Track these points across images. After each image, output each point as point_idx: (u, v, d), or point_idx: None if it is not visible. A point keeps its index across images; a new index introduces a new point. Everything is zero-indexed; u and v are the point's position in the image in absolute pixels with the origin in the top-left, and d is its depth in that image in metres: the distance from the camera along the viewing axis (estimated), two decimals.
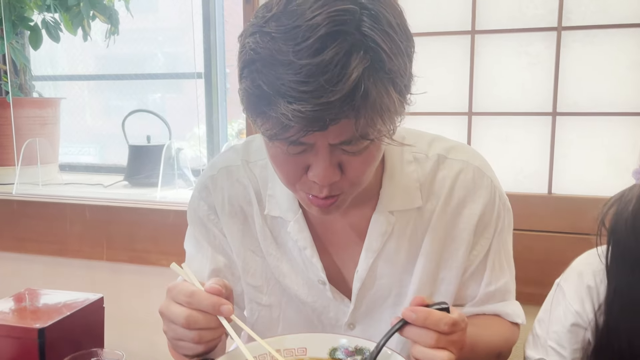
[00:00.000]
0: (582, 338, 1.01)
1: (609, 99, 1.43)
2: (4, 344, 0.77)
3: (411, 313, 0.75)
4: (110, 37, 2.28)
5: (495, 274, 1.00)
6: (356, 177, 0.79)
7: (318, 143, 0.73)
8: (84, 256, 1.89)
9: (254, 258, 1.00)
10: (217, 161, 1.03)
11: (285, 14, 0.68)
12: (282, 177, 0.83)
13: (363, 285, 0.96)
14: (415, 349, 0.76)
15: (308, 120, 0.67)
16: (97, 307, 0.87)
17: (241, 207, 0.99)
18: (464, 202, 0.95)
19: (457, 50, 1.52)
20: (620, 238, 0.96)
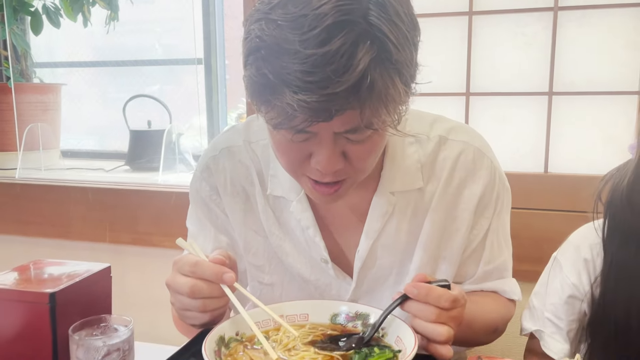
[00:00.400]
0: (578, 310, 1.03)
1: (604, 79, 1.45)
2: (15, 308, 0.79)
3: (413, 289, 0.77)
4: (110, 23, 2.28)
5: (494, 253, 1.01)
6: (359, 164, 0.80)
7: (322, 132, 0.73)
8: (87, 238, 1.91)
9: (255, 238, 1.01)
10: (219, 141, 1.03)
11: (292, 1, 0.67)
12: (285, 164, 0.83)
13: (364, 265, 0.97)
14: (415, 322, 0.78)
15: (313, 110, 0.66)
16: (105, 276, 0.89)
17: (243, 187, 1.00)
18: (465, 183, 0.96)
19: (455, 31, 1.54)
20: (616, 211, 0.97)
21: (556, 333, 1.04)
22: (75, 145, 2.58)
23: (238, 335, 0.80)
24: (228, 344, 0.78)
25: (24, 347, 0.80)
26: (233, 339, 0.79)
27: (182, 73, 2.50)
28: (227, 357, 0.75)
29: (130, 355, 0.84)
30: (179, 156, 2.21)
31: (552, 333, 1.04)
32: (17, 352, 0.80)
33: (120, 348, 0.81)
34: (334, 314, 0.86)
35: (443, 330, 0.76)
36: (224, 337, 0.78)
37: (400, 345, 0.76)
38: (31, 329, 0.79)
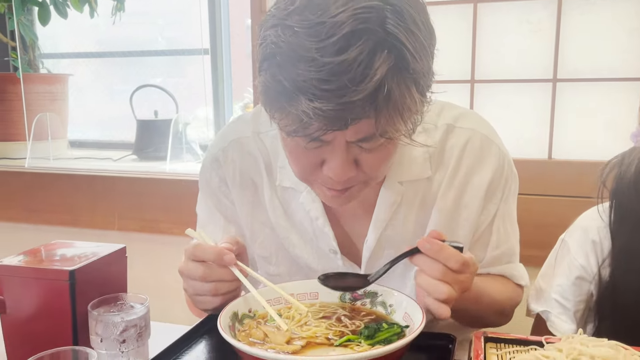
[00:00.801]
0: (586, 291, 1.04)
1: (608, 65, 1.46)
2: (36, 286, 0.82)
3: (426, 243, 0.76)
4: (116, 14, 2.30)
5: (501, 238, 1.02)
6: (371, 172, 0.80)
7: (335, 140, 0.73)
8: (96, 226, 1.94)
9: (262, 229, 1.02)
10: (227, 132, 1.04)
11: (309, 8, 0.66)
12: (297, 171, 0.84)
13: (372, 255, 0.97)
14: (420, 277, 0.78)
15: (329, 119, 0.66)
16: (121, 256, 0.91)
17: (252, 178, 1.01)
18: (473, 171, 0.96)
19: (460, 19, 1.55)
20: (623, 199, 0.99)
21: (563, 314, 1.05)
22: (82, 136, 2.61)
23: (250, 312, 0.83)
24: (241, 320, 0.80)
25: (45, 323, 0.83)
26: (246, 316, 0.82)
27: (186, 64, 2.51)
28: (242, 332, 0.78)
29: (147, 332, 0.86)
30: (186, 145, 2.23)
31: (559, 314, 1.05)
32: (38, 328, 0.83)
33: (137, 324, 0.83)
34: (343, 292, 0.89)
35: (445, 289, 0.75)
36: (237, 313, 0.80)
37: (409, 321, 0.79)
38: (52, 305, 0.82)
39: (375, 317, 0.83)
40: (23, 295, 0.83)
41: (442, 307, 0.76)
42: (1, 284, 0.84)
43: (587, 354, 0.67)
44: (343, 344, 0.75)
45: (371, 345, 0.74)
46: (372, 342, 0.75)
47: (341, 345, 0.75)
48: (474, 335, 0.80)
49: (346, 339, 0.76)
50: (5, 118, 2.27)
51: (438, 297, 0.76)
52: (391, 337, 0.75)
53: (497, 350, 0.77)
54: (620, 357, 0.66)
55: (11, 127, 2.27)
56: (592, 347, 0.68)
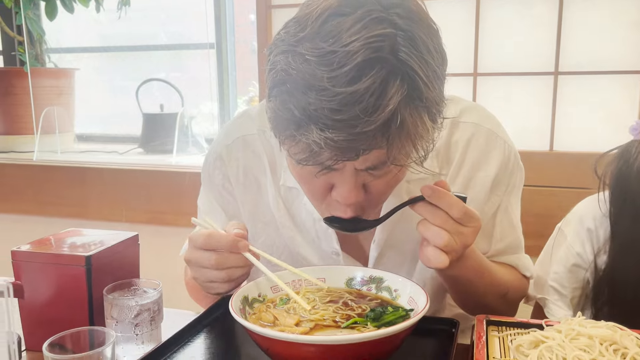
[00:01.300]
0: (581, 278, 1.07)
1: (609, 58, 1.48)
2: (53, 271, 0.84)
3: (428, 190, 0.76)
4: (122, 8, 2.32)
5: (505, 230, 1.02)
6: (379, 196, 0.81)
7: (345, 167, 0.73)
8: (104, 218, 1.97)
9: (265, 229, 1.02)
10: (232, 129, 1.02)
11: (320, 36, 0.65)
12: (308, 195, 0.85)
13: (380, 255, 0.98)
14: (421, 224, 0.78)
15: (340, 149, 0.66)
16: (133, 243, 0.94)
17: (255, 177, 1.00)
18: (478, 165, 0.96)
19: (463, 13, 1.57)
20: (624, 192, 1.00)
21: (559, 300, 1.08)
22: (88, 130, 2.63)
23: (260, 296, 0.85)
24: (252, 304, 0.83)
25: (62, 307, 0.85)
26: (255, 300, 0.84)
27: (190, 59, 2.53)
28: (252, 316, 0.80)
29: (160, 316, 0.89)
30: (192, 138, 2.25)
31: (556, 300, 1.08)
32: (55, 313, 0.86)
33: (150, 308, 0.86)
34: (349, 278, 0.91)
35: (444, 235, 0.75)
36: (248, 297, 0.83)
37: (413, 304, 0.81)
38: (68, 290, 0.85)
39: (381, 301, 0.86)
40: (40, 280, 0.86)
41: (441, 255, 0.76)
42: (19, 270, 0.87)
43: (585, 334, 0.70)
44: (350, 326, 0.78)
45: (377, 327, 0.76)
46: (377, 324, 0.77)
47: (348, 327, 0.77)
48: (477, 318, 0.83)
49: (353, 322, 0.78)
50: (12, 112, 2.30)
51: (437, 243, 0.76)
52: (396, 320, 0.78)
53: (498, 333, 0.80)
54: (617, 337, 0.68)
55: (19, 121, 2.29)
56: (590, 328, 0.70)
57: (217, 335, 0.88)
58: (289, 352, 0.69)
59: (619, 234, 1.02)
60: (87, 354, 0.66)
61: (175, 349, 0.81)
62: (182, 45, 2.51)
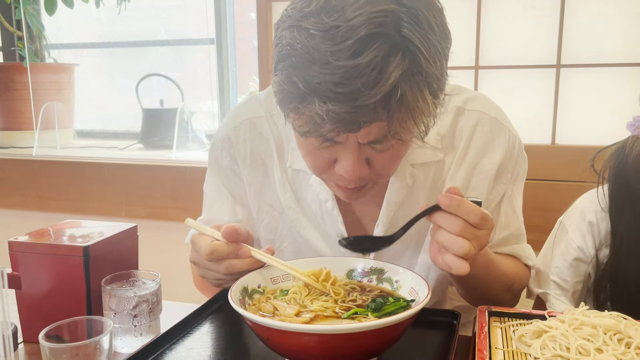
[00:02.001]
0: (583, 272, 1.06)
1: (611, 51, 1.47)
2: (50, 262, 0.83)
3: (445, 199, 0.76)
4: (121, 4, 2.31)
5: (509, 219, 1.02)
6: (382, 170, 0.81)
7: (348, 140, 0.75)
8: (104, 213, 1.96)
9: (270, 212, 1.02)
10: (240, 112, 1.03)
11: (325, 10, 0.67)
12: (311, 168, 0.85)
13: None
14: (439, 233, 0.77)
15: (342, 121, 0.68)
16: (132, 234, 0.93)
17: (262, 159, 1.01)
18: (483, 153, 0.97)
19: (465, 5, 1.56)
20: (623, 189, 1.00)
21: (561, 295, 1.07)
22: (87, 126, 2.63)
23: (260, 287, 0.85)
24: (251, 295, 0.82)
25: (59, 298, 0.85)
26: (255, 291, 0.83)
27: (190, 55, 2.53)
28: (252, 307, 0.80)
29: (158, 308, 0.88)
30: (192, 134, 2.25)
31: (558, 295, 1.08)
32: (53, 304, 0.85)
33: (149, 300, 0.85)
34: (350, 269, 0.90)
35: (465, 244, 0.75)
36: (247, 288, 0.82)
37: (414, 295, 0.80)
38: (66, 281, 0.84)
39: (382, 292, 0.85)
40: (38, 271, 0.85)
41: (461, 262, 0.76)
42: (16, 261, 0.86)
43: (589, 323, 0.69)
44: (350, 316, 0.77)
45: (378, 318, 0.75)
46: (378, 314, 0.77)
47: (349, 317, 0.76)
48: (478, 309, 0.82)
49: (353, 312, 0.77)
50: (12, 107, 2.30)
51: (457, 252, 0.75)
52: (397, 310, 0.77)
53: (500, 324, 0.79)
54: (621, 326, 0.68)
55: (18, 117, 2.29)
56: (594, 318, 0.70)
57: (216, 327, 0.87)
58: (289, 341, 0.68)
59: (619, 229, 1.02)
60: (84, 343, 0.65)
61: (174, 340, 0.81)
62: (182, 41, 2.50)
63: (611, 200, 1.03)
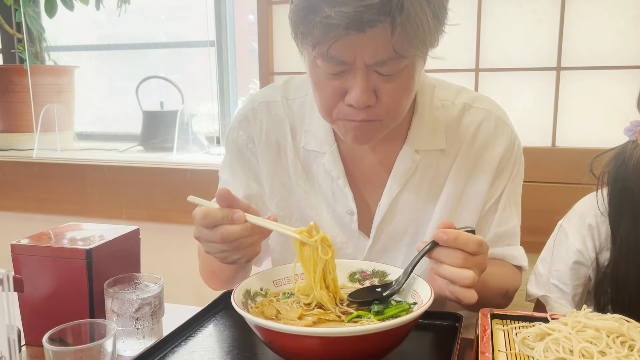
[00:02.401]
0: (583, 275, 1.07)
1: (611, 53, 1.48)
2: (53, 265, 0.83)
3: (442, 234, 0.79)
4: (122, 6, 2.31)
5: (505, 217, 1.06)
6: (390, 103, 0.85)
7: (356, 63, 0.80)
8: (104, 215, 1.96)
9: (281, 190, 1.07)
10: (257, 96, 1.10)
11: None
12: (322, 103, 0.89)
13: (383, 220, 1.02)
14: (442, 268, 0.80)
15: (349, 19, 0.74)
16: (134, 237, 0.93)
17: (276, 139, 1.06)
18: (486, 147, 1.02)
19: (465, 8, 1.56)
20: (623, 194, 1.01)
21: (562, 298, 1.08)
22: (87, 128, 2.63)
23: (262, 290, 0.85)
24: (254, 297, 0.82)
25: (62, 301, 0.85)
26: (258, 293, 0.84)
27: (190, 57, 2.53)
28: (254, 310, 0.80)
29: (160, 310, 0.89)
30: (192, 136, 2.25)
31: (558, 298, 1.08)
32: (55, 307, 0.85)
33: (151, 302, 0.85)
34: (352, 272, 0.91)
35: (469, 274, 0.78)
36: (250, 290, 0.82)
37: (417, 298, 0.81)
38: (69, 284, 0.84)
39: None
40: (40, 274, 0.85)
41: (469, 291, 0.79)
42: (19, 264, 0.86)
43: (592, 326, 0.69)
44: (353, 319, 0.77)
45: (380, 321, 0.75)
46: (381, 317, 0.77)
47: (351, 321, 0.77)
48: (481, 312, 0.82)
49: (356, 315, 0.78)
50: (12, 110, 2.29)
51: (464, 283, 0.78)
52: (399, 313, 0.77)
53: (503, 326, 0.79)
54: (624, 329, 0.68)
55: (19, 119, 2.28)
56: (597, 321, 0.70)
57: (219, 329, 0.87)
58: (292, 344, 0.68)
59: (618, 233, 1.02)
60: (88, 347, 0.65)
61: (177, 343, 0.81)
62: (182, 43, 2.50)
63: (610, 204, 1.04)
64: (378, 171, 1.03)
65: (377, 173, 1.03)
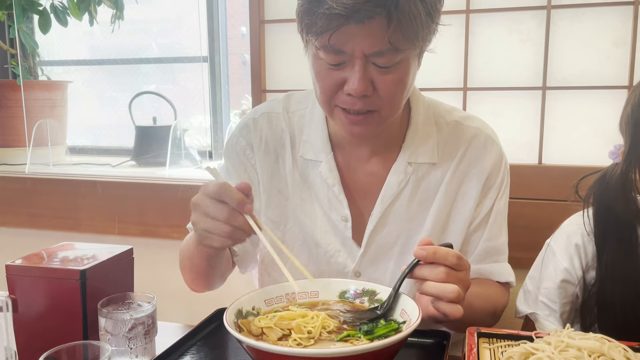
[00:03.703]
0: (571, 293, 1.10)
1: (595, 74, 1.51)
2: (47, 285, 0.84)
3: (421, 251, 0.83)
4: (115, 22, 2.33)
5: (494, 232, 1.11)
6: (386, 95, 0.91)
7: (355, 53, 0.86)
8: (96, 231, 1.96)
9: (278, 197, 1.11)
10: (260, 107, 1.16)
11: None
12: (321, 92, 0.94)
13: (375, 229, 1.06)
14: (426, 285, 0.83)
15: (349, 9, 0.81)
16: (127, 257, 0.95)
17: (275, 148, 1.11)
18: (475, 163, 1.07)
19: (453, 29, 1.59)
20: (607, 217, 1.05)
21: (550, 315, 1.10)
22: (79, 142, 2.63)
23: (254, 309, 0.86)
24: (246, 317, 0.84)
25: (56, 321, 0.86)
26: (249, 313, 0.85)
27: (183, 71, 2.55)
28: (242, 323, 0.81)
29: (154, 330, 0.90)
30: (184, 151, 2.26)
31: (547, 316, 1.10)
32: (49, 326, 0.86)
33: (144, 322, 0.87)
34: (342, 291, 0.92)
35: (453, 288, 0.81)
36: (242, 310, 0.84)
37: (405, 317, 0.82)
38: (63, 304, 0.85)
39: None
40: (34, 294, 0.86)
41: (454, 306, 0.81)
42: (13, 284, 0.87)
43: (574, 345, 0.71)
44: (343, 339, 0.79)
45: (370, 340, 0.77)
46: (371, 337, 0.79)
47: (341, 340, 0.78)
48: (468, 330, 0.84)
49: (346, 335, 0.79)
50: (5, 125, 2.30)
51: (450, 297, 0.81)
52: (389, 333, 0.79)
53: (489, 345, 0.81)
54: (605, 348, 0.70)
55: (12, 134, 2.29)
56: (579, 340, 0.72)
57: (211, 348, 0.88)
58: None
59: (604, 254, 1.05)
60: None
61: None
62: (175, 59, 2.52)
63: (595, 226, 1.07)
64: (372, 181, 1.07)
65: (371, 183, 1.07)
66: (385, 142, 1.06)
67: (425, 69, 1.57)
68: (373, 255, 1.07)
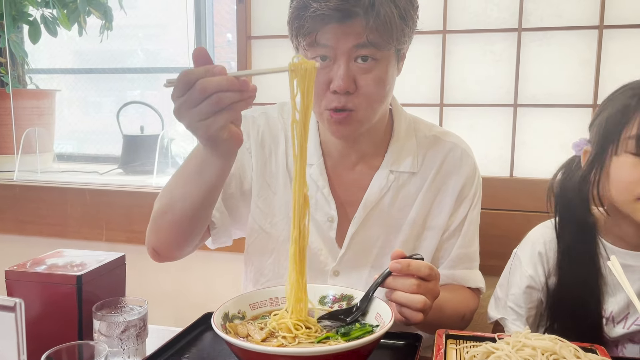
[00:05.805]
0: (536, 298, 1.17)
1: (562, 92, 1.60)
2: (45, 290, 0.89)
3: (396, 264, 0.90)
4: (103, 32, 2.37)
5: (467, 240, 1.19)
6: (367, 93, 1.01)
7: (338, 48, 0.97)
8: (84, 237, 1.99)
9: (267, 190, 1.18)
10: (257, 108, 1.23)
11: None
12: (313, 95, 1.00)
13: (356, 231, 1.14)
14: (396, 294, 0.91)
15: (332, 10, 0.93)
16: (120, 263, 1.00)
17: (270, 144, 1.19)
18: (451, 175, 1.17)
19: (430, 48, 1.68)
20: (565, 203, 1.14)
21: (517, 320, 1.18)
22: (66, 149, 2.65)
23: (239, 313, 0.92)
24: (232, 320, 0.90)
25: (53, 324, 0.91)
26: (235, 316, 0.91)
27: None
28: (229, 326, 0.87)
29: (145, 332, 0.95)
30: (171, 160, 2.31)
31: (514, 320, 1.18)
32: (47, 329, 0.91)
33: (136, 324, 0.92)
34: (322, 295, 0.99)
35: (422, 299, 0.89)
36: (228, 314, 0.90)
37: (380, 320, 0.89)
38: (59, 307, 0.90)
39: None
40: (33, 298, 0.91)
41: (417, 313, 0.90)
42: (12, 289, 0.92)
43: (530, 345, 0.78)
44: (322, 341, 0.85)
45: (346, 342, 0.84)
46: (347, 339, 0.85)
47: (320, 342, 0.85)
48: (437, 332, 0.91)
49: (325, 337, 0.86)
50: None
51: (417, 307, 0.89)
52: (363, 335, 0.86)
53: (456, 346, 0.88)
54: (557, 348, 0.77)
55: (0, 141, 2.31)
56: (534, 340, 0.79)
57: (198, 349, 0.94)
58: None
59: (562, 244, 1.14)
60: None
61: None
62: (162, 69, 2.57)
63: (556, 212, 1.15)
64: (356, 187, 1.15)
65: (356, 189, 1.15)
66: (370, 150, 1.15)
67: (405, 85, 1.67)
68: (352, 256, 1.15)
